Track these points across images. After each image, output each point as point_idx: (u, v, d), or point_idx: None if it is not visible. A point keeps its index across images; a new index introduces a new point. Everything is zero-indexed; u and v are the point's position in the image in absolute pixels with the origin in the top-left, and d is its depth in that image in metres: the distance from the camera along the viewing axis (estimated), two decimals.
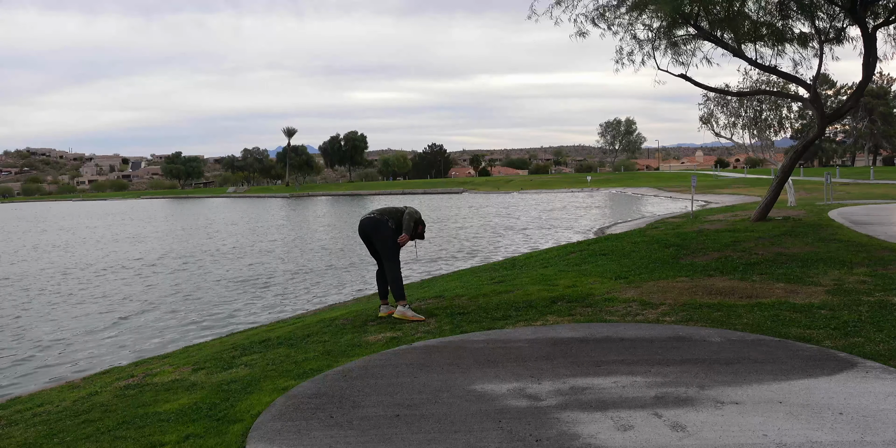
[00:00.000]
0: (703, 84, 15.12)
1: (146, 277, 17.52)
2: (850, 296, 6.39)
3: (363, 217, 6.73)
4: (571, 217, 32.06)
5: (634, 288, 7.30)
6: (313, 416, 3.87)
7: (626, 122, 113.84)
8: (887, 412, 3.57)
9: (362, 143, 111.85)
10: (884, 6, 12.48)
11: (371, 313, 6.95)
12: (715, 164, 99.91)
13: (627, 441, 3.31)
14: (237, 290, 14.88)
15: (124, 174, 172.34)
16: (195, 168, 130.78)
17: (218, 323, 11.45)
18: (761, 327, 5.39)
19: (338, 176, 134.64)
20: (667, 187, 51.24)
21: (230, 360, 5.64)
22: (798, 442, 3.23)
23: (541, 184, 73.67)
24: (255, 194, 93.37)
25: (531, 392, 4.07)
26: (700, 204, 29.51)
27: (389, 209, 6.72)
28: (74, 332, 11.29)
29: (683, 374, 4.31)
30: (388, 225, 6.57)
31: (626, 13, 12.85)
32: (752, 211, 15.94)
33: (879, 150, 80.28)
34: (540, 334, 5.43)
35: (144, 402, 4.65)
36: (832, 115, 14.74)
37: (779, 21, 13.06)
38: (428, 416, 3.76)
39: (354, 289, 14.32)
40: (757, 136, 63.60)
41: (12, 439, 4.36)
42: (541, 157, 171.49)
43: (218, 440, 3.67)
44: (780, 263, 8.48)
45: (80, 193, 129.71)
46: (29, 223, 48.46)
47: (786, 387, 4.00)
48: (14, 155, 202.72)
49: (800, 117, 65.12)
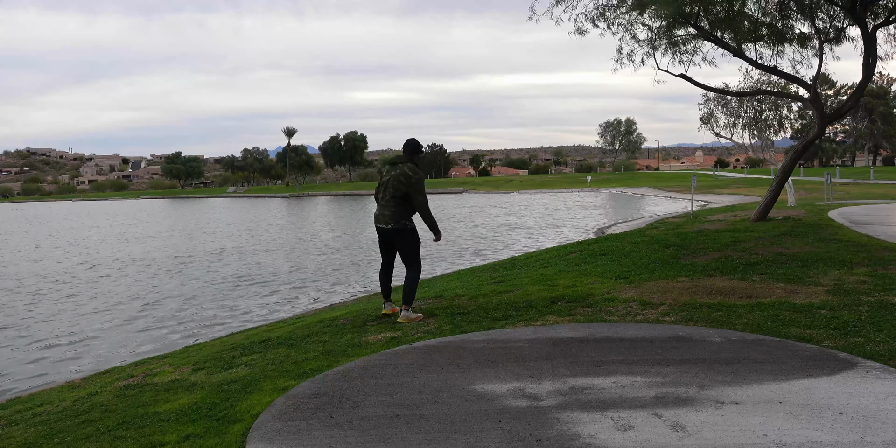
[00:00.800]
0: (703, 84, 15.14)
1: (146, 277, 17.53)
2: (850, 296, 6.39)
3: (379, 215, 6.48)
4: (572, 217, 32.04)
5: (634, 288, 7.30)
6: (313, 416, 3.86)
7: (626, 122, 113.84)
8: (887, 412, 3.57)
9: (362, 143, 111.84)
10: (884, 6, 12.49)
11: (371, 313, 6.95)
12: (715, 164, 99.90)
13: (627, 441, 3.31)
14: (238, 291, 14.88)
15: (124, 174, 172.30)
16: (195, 168, 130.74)
17: (218, 323, 11.45)
18: (761, 327, 5.39)
19: (338, 176, 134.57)
20: (667, 187, 51.25)
21: (230, 360, 5.64)
22: (798, 442, 3.23)
23: (541, 184, 73.66)
24: (255, 194, 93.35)
25: (531, 392, 4.07)
26: (700, 204, 29.51)
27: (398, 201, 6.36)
28: (75, 331, 11.29)
29: (683, 374, 4.31)
30: (409, 229, 6.42)
31: (626, 13, 12.86)
32: (752, 211, 15.94)
33: (879, 150, 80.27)
34: (540, 334, 5.43)
35: (144, 402, 4.65)
36: (832, 115, 14.74)
37: (779, 21, 13.07)
38: (428, 416, 3.76)
39: (354, 289, 14.32)
40: (757, 136, 63.60)
41: (12, 439, 4.36)
42: (541, 157, 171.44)
43: (218, 440, 3.67)
44: (780, 263, 8.48)
45: (80, 193, 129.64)
46: (50, 223, 48.44)
47: (786, 387, 4.00)
48: (14, 155, 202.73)
49: (800, 117, 65.12)
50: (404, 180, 6.35)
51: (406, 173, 6.36)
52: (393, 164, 6.55)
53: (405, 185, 6.34)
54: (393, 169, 6.49)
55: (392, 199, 6.40)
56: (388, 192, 6.43)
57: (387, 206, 6.43)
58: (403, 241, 6.41)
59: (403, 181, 6.35)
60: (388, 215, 6.42)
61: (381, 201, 6.51)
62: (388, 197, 6.42)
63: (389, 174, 6.48)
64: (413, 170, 6.39)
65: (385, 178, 6.51)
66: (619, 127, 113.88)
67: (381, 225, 6.48)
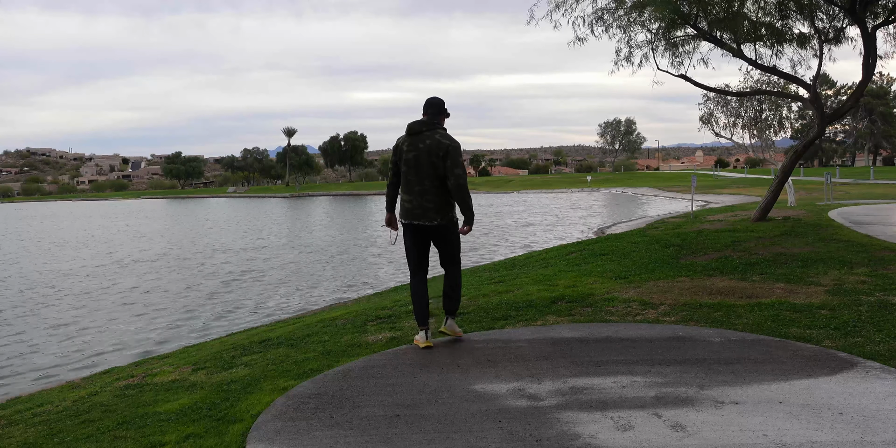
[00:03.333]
0: (703, 84, 15.13)
1: (148, 276, 17.53)
2: (850, 296, 6.39)
3: (415, 209, 4.91)
4: (574, 217, 32.06)
5: (634, 288, 7.30)
6: (313, 416, 3.86)
7: (625, 122, 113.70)
8: (887, 412, 3.57)
9: (362, 143, 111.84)
10: (883, 6, 12.48)
11: (371, 313, 6.93)
12: (715, 164, 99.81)
13: (627, 441, 3.31)
14: (238, 290, 14.88)
15: (124, 174, 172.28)
16: (195, 168, 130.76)
17: (218, 323, 11.45)
18: (761, 327, 5.39)
19: (338, 176, 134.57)
20: (667, 187, 51.24)
21: (230, 360, 5.63)
22: (798, 442, 3.23)
23: (541, 184, 73.67)
24: (255, 194, 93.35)
25: (531, 392, 4.07)
26: (700, 204, 29.51)
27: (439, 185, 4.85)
28: (75, 331, 11.29)
29: (683, 374, 4.31)
30: (456, 223, 5.05)
31: (624, 15, 12.84)
32: (752, 211, 15.94)
33: (879, 150, 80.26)
34: (540, 334, 5.43)
35: (144, 402, 4.65)
36: (832, 115, 14.74)
37: (778, 21, 13.06)
38: (428, 416, 3.76)
39: (354, 289, 14.33)
40: (757, 136, 63.65)
41: (12, 439, 4.36)
42: (541, 157, 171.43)
43: (218, 440, 3.67)
44: (780, 263, 8.48)
45: (80, 193, 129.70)
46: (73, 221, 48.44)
47: (786, 387, 4.00)
48: (14, 155, 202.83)
49: (800, 117, 65.17)
50: (441, 152, 4.77)
51: (441, 142, 4.79)
52: (416, 134, 4.88)
53: (443, 158, 4.76)
54: (419, 139, 4.84)
55: (430, 183, 4.83)
56: (424, 172, 4.81)
57: (425, 195, 4.85)
58: (449, 235, 5.02)
59: (440, 154, 4.77)
60: (432, 208, 4.85)
61: (412, 188, 4.88)
62: (425, 180, 4.83)
63: (415, 148, 4.84)
64: (448, 136, 4.87)
65: (410, 155, 4.86)
66: (618, 127, 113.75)
67: (421, 221, 4.90)
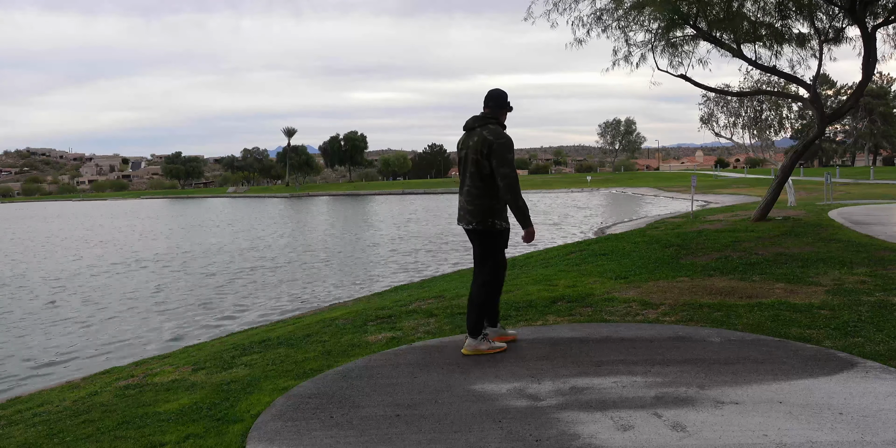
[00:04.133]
0: (702, 84, 15.13)
1: (153, 275, 17.54)
2: (850, 296, 6.39)
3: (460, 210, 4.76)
4: (574, 217, 32.05)
5: (634, 288, 7.30)
6: (313, 416, 3.87)
7: (625, 122, 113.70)
8: (887, 412, 3.57)
9: (362, 143, 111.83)
10: (883, 6, 12.48)
11: (371, 313, 6.93)
12: (715, 164, 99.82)
13: (627, 441, 3.31)
14: (238, 290, 14.88)
15: (124, 174, 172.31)
16: (195, 168, 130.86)
17: (218, 323, 11.45)
18: (761, 327, 5.39)
19: (338, 176, 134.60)
20: (667, 187, 51.24)
21: (230, 360, 5.64)
22: (798, 442, 3.23)
23: (541, 184, 73.67)
24: (255, 194, 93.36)
25: (531, 392, 4.07)
26: (700, 204, 29.51)
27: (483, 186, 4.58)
28: (76, 330, 11.29)
29: (683, 374, 4.31)
30: (498, 230, 4.78)
31: (624, 15, 12.85)
32: (752, 211, 15.94)
33: (879, 150, 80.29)
34: (540, 334, 5.43)
35: (144, 402, 4.65)
36: (832, 115, 14.74)
37: (778, 21, 13.06)
38: (428, 416, 3.76)
39: (354, 289, 14.33)
40: (757, 136, 63.66)
41: (12, 439, 4.36)
42: (541, 157, 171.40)
43: (218, 440, 3.67)
44: (780, 263, 8.48)
45: (80, 193, 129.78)
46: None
47: (786, 387, 4.00)
48: (14, 155, 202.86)
49: (800, 117, 65.21)
50: (485, 150, 4.49)
51: (486, 138, 4.50)
52: (469, 130, 4.68)
53: (487, 156, 4.49)
54: (470, 136, 4.64)
55: (472, 183, 4.61)
56: (468, 171, 4.62)
57: (467, 195, 4.66)
58: (484, 242, 4.74)
59: (484, 152, 4.49)
60: (471, 211, 4.64)
61: (461, 188, 4.74)
62: (468, 180, 4.64)
63: (465, 145, 4.66)
64: (495, 132, 4.54)
65: (461, 153, 4.71)
66: (618, 127, 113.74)
67: (461, 224, 4.78)
